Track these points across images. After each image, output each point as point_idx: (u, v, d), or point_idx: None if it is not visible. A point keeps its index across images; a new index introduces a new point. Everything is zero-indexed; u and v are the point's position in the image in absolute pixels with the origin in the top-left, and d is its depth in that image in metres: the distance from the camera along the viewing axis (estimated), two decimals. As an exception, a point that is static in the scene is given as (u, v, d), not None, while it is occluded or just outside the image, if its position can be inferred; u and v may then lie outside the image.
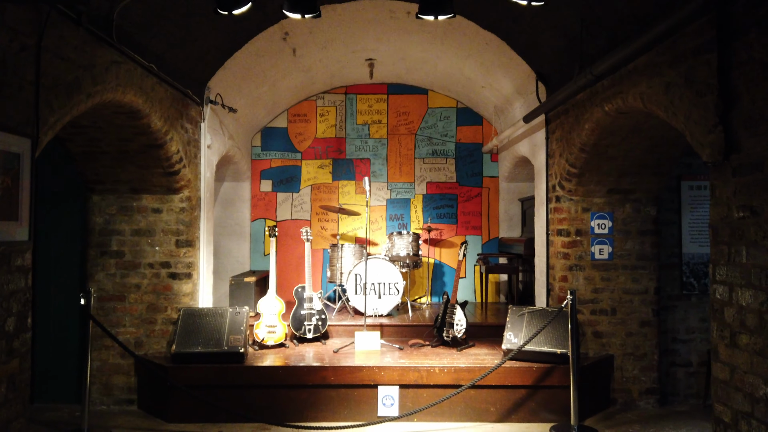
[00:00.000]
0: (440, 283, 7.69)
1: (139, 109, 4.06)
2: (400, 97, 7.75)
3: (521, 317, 4.96)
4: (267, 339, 5.26)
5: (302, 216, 7.71)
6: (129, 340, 4.95)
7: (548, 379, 4.57)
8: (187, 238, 5.06)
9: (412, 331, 5.85)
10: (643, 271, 5.05)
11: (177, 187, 4.96)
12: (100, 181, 4.88)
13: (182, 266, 5.04)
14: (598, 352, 5.01)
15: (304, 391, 4.58)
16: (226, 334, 4.76)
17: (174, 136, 4.64)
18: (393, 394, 4.57)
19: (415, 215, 7.72)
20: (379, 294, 6.25)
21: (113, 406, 4.90)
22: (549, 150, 5.38)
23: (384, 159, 7.74)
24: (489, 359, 4.88)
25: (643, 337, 5.02)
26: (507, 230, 7.68)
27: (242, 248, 7.61)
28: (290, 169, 7.71)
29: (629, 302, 5.04)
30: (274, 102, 7.18)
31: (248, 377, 4.58)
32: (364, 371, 4.58)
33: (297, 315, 5.52)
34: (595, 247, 5.06)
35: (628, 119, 4.09)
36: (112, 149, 4.55)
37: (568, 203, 5.09)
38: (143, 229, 5.01)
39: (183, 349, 4.64)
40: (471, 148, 7.74)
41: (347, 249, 6.68)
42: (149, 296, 5.00)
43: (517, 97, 6.28)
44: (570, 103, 4.74)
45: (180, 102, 4.84)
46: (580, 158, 4.68)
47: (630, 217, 5.07)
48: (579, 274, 5.06)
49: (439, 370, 4.58)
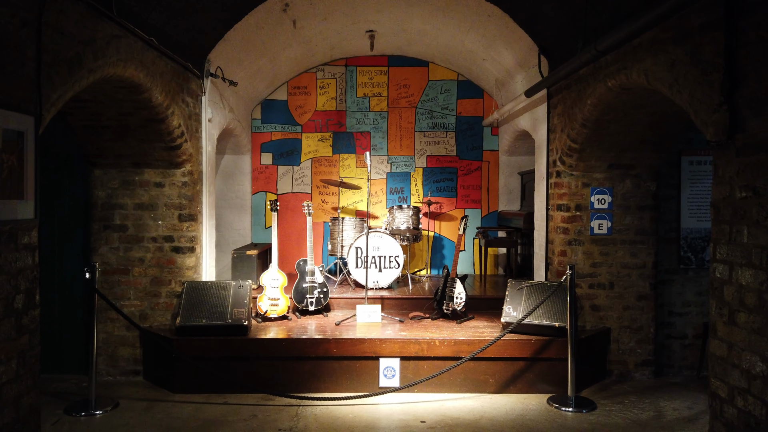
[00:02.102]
0: (440, 256, 7.75)
1: (140, 84, 4.03)
2: (401, 69, 7.68)
3: (520, 291, 5.03)
4: (270, 311, 5.33)
5: (303, 189, 7.71)
6: (134, 312, 5.02)
7: (546, 351, 4.66)
8: (190, 212, 5.08)
9: (413, 303, 5.92)
10: (642, 246, 5.11)
11: (179, 161, 4.96)
12: (102, 155, 4.88)
13: (185, 240, 5.07)
14: (596, 325, 5.10)
15: (307, 362, 4.67)
16: (229, 307, 4.83)
17: (175, 110, 4.62)
18: (394, 365, 4.67)
19: (415, 189, 7.73)
20: (379, 267, 6.31)
21: (119, 377, 4.99)
22: (550, 125, 5.37)
23: (384, 132, 7.71)
24: (488, 332, 4.97)
25: (640, 311, 5.10)
26: (506, 204, 7.71)
27: (243, 221, 7.64)
28: (291, 142, 7.69)
29: (627, 276, 5.11)
30: (274, 74, 7.11)
31: (252, 349, 4.66)
32: (365, 343, 4.66)
33: (299, 288, 5.58)
34: (594, 222, 5.10)
35: (631, 95, 4.07)
36: (114, 123, 4.53)
37: (568, 178, 5.10)
38: (146, 203, 5.03)
39: (188, 321, 4.71)
40: (471, 122, 7.71)
41: (348, 222, 6.71)
42: (153, 270, 5.04)
43: (518, 71, 6.23)
44: (572, 78, 4.71)
45: (181, 76, 4.80)
46: (582, 133, 4.67)
47: (630, 192, 5.10)
48: (578, 248, 5.11)
49: (439, 342, 4.66)
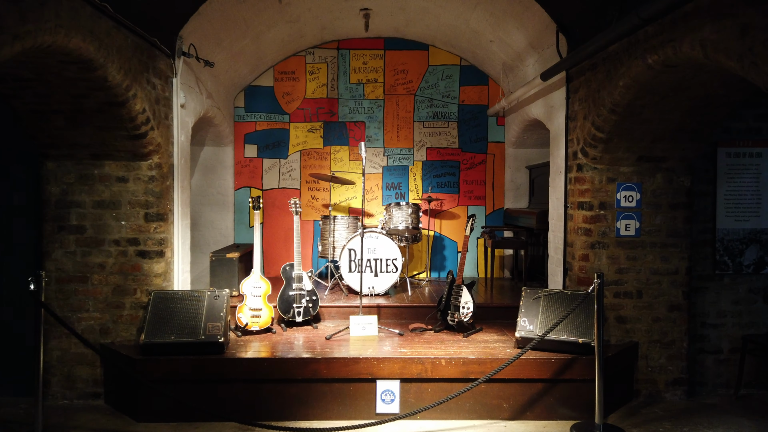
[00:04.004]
0: (440, 258, 7.13)
1: (91, 59, 3.37)
2: (398, 53, 7.03)
3: (537, 301, 4.42)
4: (251, 324, 4.69)
5: (291, 184, 7.06)
6: (93, 326, 4.37)
7: (568, 371, 4.06)
8: (158, 211, 4.43)
9: (412, 313, 5.31)
10: (674, 249, 4.50)
11: (144, 152, 4.30)
12: (55, 146, 4.21)
13: (153, 243, 4.42)
14: (621, 339, 4.50)
15: (292, 385, 4.04)
16: (203, 321, 4.19)
17: (138, 92, 3.95)
18: (393, 388, 4.05)
19: (413, 184, 7.10)
20: (375, 271, 5.69)
21: (77, 401, 4.34)
22: (569, 112, 4.75)
23: (380, 122, 7.06)
24: (500, 347, 4.36)
25: (671, 323, 4.50)
26: (513, 201, 7.09)
27: (225, 219, 6.98)
28: (277, 132, 7.03)
29: (657, 284, 4.51)
30: (258, 57, 6.44)
31: (229, 371, 4.02)
32: (360, 363, 4.03)
33: (285, 296, 4.95)
34: (620, 222, 4.49)
35: (674, 74, 3.45)
36: (65, 107, 3.87)
37: (591, 172, 4.49)
38: (107, 200, 4.37)
39: (153, 338, 4.06)
40: (475, 111, 7.08)
41: (340, 221, 6.07)
42: (115, 277, 4.39)
43: (530, 53, 5.60)
44: (599, 57, 4.09)
45: (145, 53, 4.13)
46: (610, 120, 4.06)
47: (661, 188, 4.49)
48: (602, 252, 4.51)
49: (446, 362, 4.04)
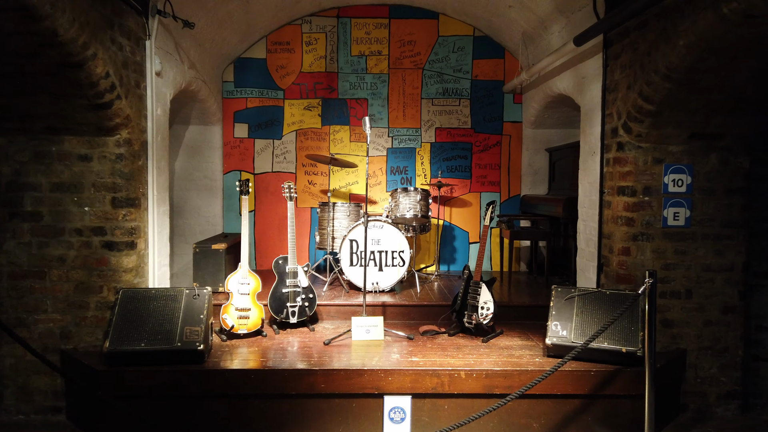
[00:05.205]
0: (450, 250, 6.49)
1: (34, 4, 2.71)
2: (405, 22, 6.34)
3: (569, 301, 3.80)
4: (238, 326, 4.06)
5: (286, 168, 6.40)
6: (53, 330, 3.74)
7: (610, 386, 3.44)
8: (128, 195, 3.78)
9: (422, 312, 4.69)
10: (730, 242, 3.88)
11: (110, 125, 3.64)
12: (4, 117, 3.55)
13: (121, 233, 3.77)
14: (667, 345, 3.88)
15: (284, 402, 3.42)
16: (179, 325, 3.55)
17: (99, 52, 3.29)
18: (404, 405, 3.43)
19: (421, 168, 6.45)
20: (379, 265, 5.05)
21: (34, 416, 3.73)
22: (608, 81, 4.09)
23: (384, 99, 6.40)
24: (526, 356, 3.74)
25: (725, 327, 3.89)
26: (531, 187, 6.44)
27: (213, 206, 6.33)
28: (270, 110, 6.35)
29: (709, 282, 3.88)
30: (249, 24, 5.75)
31: (209, 384, 3.39)
32: (365, 376, 3.41)
33: (277, 294, 4.32)
34: (668, 210, 3.86)
35: (752, 28, 2.80)
36: (11, 69, 3.20)
37: (634, 152, 3.84)
38: (67, 182, 3.72)
39: (119, 346, 3.42)
40: (490, 87, 6.41)
41: (340, 209, 5.43)
42: (78, 273, 3.75)
43: (556, 18, 4.93)
44: (651, 13, 3.43)
45: (108, 5, 3.46)
46: (662, 89, 3.40)
47: (715, 170, 3.85)
48: (645, 245, 3.87)
49: (465, 374, 3.42)
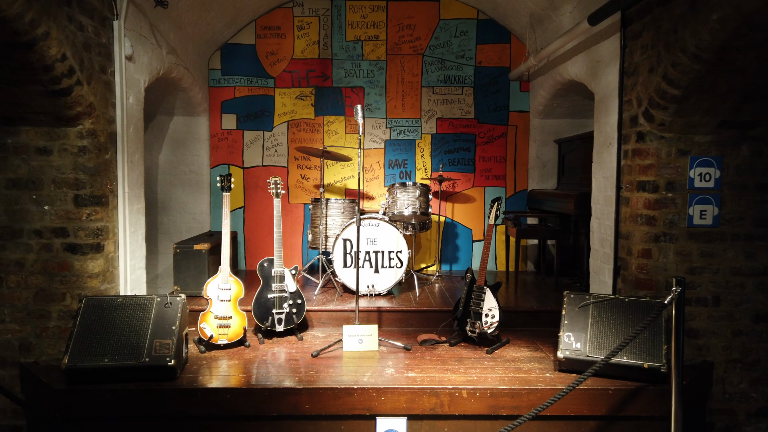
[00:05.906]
0: (452, 248, 6.11)
1: (-36, -28, 2.33)
2: (404, 4, 5.93)
3: (584, 309, 3.41)
4: (218, 336, 3.70)
5: (277, 161, 6.02)
6: (11, 341, 3.39)
7: (630, 406, 3.07)
8: (93, 192, 3.41)
9: (421, 318, 4.31)
10: (762, 243, 3.48)
11: (71, 114, 3.26)
12: (-49, 106, 3.19)
13: (86, 234, 3.40)
14: (692, 358, 3.50)
15: (265, 424, 3.05)
16: (148, 338, 3.18)
17: (53, 31, 2.90)
18: (398, 428, 3.06)
19: (421, 161, 6.05)
20: (375, 266, 4.68)
21: (-9, 437, 3.39)
22: (626, 64, 3.69)
23: (382, 88, 5.99)
24: (535, 370, 3.36)
25: (756, 338, 3.50)
26: (539, 181, 6.04)
27: (200, 203, 5.95)
28: (260, 99, 5.96)
29: (739, 287, 3.49)
30: (236, 7, 5.35)
31: (180, 404, 3.03)
32: (355, 396, 3.04)
33: (262, 300, 3.95)
34: (694, 207, 3.46)
35: (803, -3, 2.40)
36: (-46, 52, 2.83)
37: (657, 142, 3.44)
38: (24, 178, 3.35)
39: (80, 362, 3.06)
40: (494, 74, 6.00)
41: (334, 205, 5.05)
42: (38, 278, 3.39)
43: (567, -3, 4.52)
44: (677, -15, 3.03)
45: (65, -21, 3.08)
46: (690, 71, 3.00)
47: (747, 163, 3.46)
48: (668, 246, 3.48)
49: (468, 393, 3.05)
